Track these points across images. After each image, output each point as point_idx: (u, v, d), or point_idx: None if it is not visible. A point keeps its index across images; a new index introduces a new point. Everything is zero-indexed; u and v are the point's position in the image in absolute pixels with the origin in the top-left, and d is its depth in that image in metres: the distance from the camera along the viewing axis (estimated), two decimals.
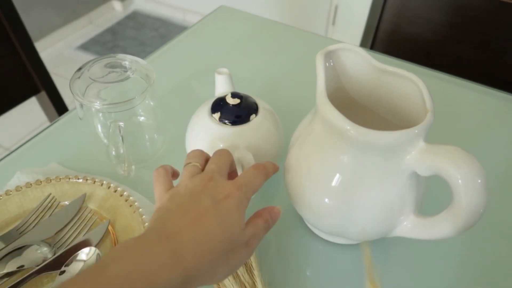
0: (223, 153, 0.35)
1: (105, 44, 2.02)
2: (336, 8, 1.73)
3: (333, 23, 1.79)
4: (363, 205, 0.34)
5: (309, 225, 0.42)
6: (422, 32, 0.85)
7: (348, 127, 0.30)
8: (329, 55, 0.36)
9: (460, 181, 0.28)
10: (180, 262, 0.25)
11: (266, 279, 0.37)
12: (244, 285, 0.36)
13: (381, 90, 0.38)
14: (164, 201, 0.30)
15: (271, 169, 0.35)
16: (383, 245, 0.41)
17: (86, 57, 1.94)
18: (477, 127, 0.55)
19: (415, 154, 0.31)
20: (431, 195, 0.37)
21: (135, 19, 2.19)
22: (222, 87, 0.47)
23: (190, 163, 0.34)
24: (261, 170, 0.33)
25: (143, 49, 1.98)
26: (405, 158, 0.31)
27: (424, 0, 0.83)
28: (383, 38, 0.89)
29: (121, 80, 0.43)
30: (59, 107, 0.79)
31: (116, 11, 2.23)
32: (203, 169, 0.33)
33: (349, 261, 0.40)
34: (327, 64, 0.36)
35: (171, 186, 0.32)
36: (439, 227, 0.32)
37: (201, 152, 0.35)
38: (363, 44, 0.91)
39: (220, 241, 0.27)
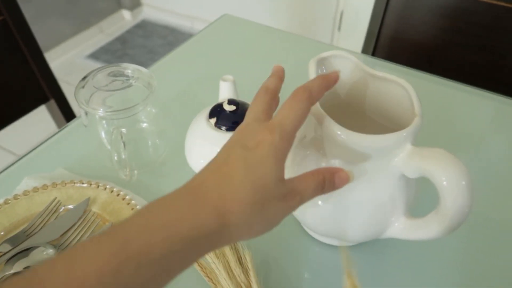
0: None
1: (115, 52, 2.06)
2: (341, 14, 1.75)
3: (339, 29, 1.80)
4: (355, 207, 0.35)
5: (305, 228, 0.43)
6: (424, 37, 0.86)
7: (339, 132, 0.32)
8: (321, 62, 0.37)
9: (445, 182, 0.29)
10: (201, 211, 0.24)
11: (262, 280, 0.38)
12: (240, 285, 0.37)
13: (373, 94, 0.39)
14: None
15: (316, 87, 0.29)
16: (370, 247, 0.42)
17: (96, 65, 1.98)
18: (477, 130, 0.56)
19: (403, 157, 0.32)
20: (424, 197, 0.38)
21: (144, 28, 2.23)
22: (226, 94, 0.48)
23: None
24: (300, 96, 0.28)
25: (152, 57, 2.01)
26: (394, 161, 0.32)
27: (425, 5, 0.83)
28: (385, 43, 0.90)
29: (124, 88, 0.45)
30: (68, 114, 0.81)
31: (126, 20, 2.27)
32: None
33: (332, 261, 0.40)
34: (320, 70, 0.37)
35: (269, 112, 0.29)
36: (427, 228, 0.33)
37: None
38: (365, 50, 0.91)
39: (249, 192, 0.25)
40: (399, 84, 0.36)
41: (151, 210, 0.24)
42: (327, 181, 0.29)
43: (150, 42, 2.13)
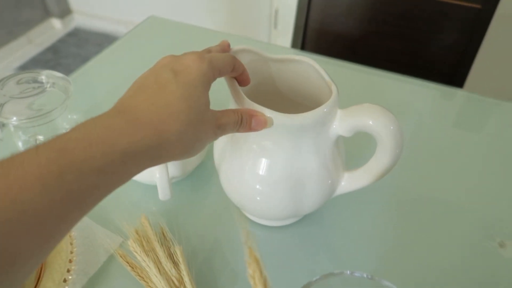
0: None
1: (47, 63, 1.96)
2: (276, 11, 1.79)
3: (275, 27, 1.84)
4: (309, 180, 0.36)
5: (248, 215, 0.44)
6: (347, 29, 0.91)
7: (269, 115, 0.32)
8: None
9: (379, 128, 0.32)
10: (140, 129, 0.24)
11: (193, 272, 0.39)
12: (172, 280, 0.38)
13: (290, 78, 0.40)
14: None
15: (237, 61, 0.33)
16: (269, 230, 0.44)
17: None
18: (398, 109, 0.60)
19: (338, 122, 0.34)
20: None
21: (77, 36, 2.14)
22: None
23: None
24: (228, 53, 0.32)
25: None
26: (332, 128, 0.34)
27: None
28: (313, 37, 0.93)
29: (37, 94, 0.43)
30: None
31: (56, 29, 2.17)
32: None
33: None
34: None
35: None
36: (368, 175, 0.36)
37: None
38: (294, 45, 0.95)
39: (185, 112, 0.26)
40: (305, 63, 0.37)
41: (87, 126, 0.23)
42: (244, 121, 0.31)
43: (85, 51, 2.05)
